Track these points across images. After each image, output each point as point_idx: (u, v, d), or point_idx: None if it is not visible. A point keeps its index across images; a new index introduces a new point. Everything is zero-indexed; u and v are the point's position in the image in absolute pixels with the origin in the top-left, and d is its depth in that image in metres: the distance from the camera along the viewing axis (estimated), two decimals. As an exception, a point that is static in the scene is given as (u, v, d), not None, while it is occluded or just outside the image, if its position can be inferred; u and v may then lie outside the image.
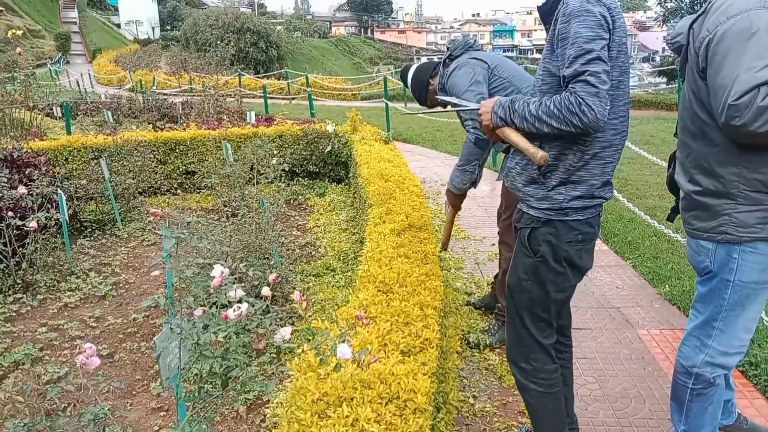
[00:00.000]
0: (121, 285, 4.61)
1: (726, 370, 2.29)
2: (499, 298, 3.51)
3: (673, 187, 2.36)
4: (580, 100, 1.82)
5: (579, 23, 1.86)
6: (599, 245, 5.30)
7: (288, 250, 5.12)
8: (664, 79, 23.75)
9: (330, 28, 74.58)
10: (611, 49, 1.91)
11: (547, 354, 2.23)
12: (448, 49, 3.33)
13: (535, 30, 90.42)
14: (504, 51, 72.44)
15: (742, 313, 2.16)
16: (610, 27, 1.90)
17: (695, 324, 2.28)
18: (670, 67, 22.00)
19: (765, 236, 2.02)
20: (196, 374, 2.84)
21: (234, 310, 1.62)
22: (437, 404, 2.34)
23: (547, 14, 2.04)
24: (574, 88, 1.84)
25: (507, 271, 3.32)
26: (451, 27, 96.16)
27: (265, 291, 1.76)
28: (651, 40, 73.79)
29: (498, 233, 3.62)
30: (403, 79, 3.42)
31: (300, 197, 6.98)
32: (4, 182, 4.60)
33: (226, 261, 3.81)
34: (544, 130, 1.93)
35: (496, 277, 3.79)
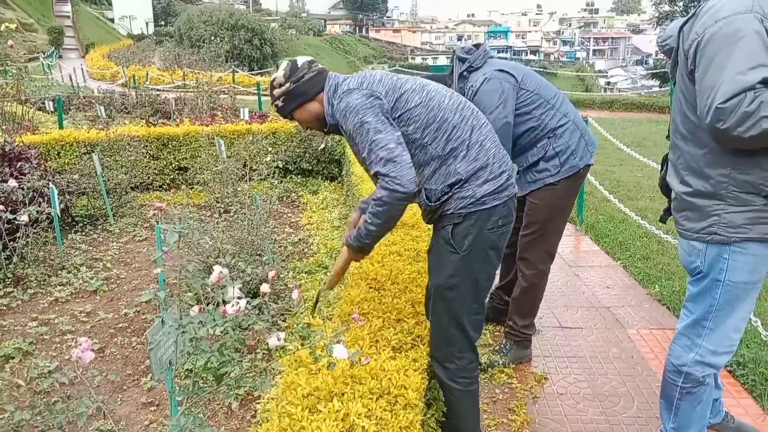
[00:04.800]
0: (112, 280, 4.60)
1: (716, 369, 2.31)
2: (513, 317, 3.35)
3: (665, 188, 2.37)
4: (386, 179, 2.03)
5: (349, 119, 2.12)
6: (591, 246, 5.33)
7: (280, 247, 5.13)
8: (657, 82, 23.87)
9: (325, 26, 74.46)
10: (394, 93, 2.17)
11: (472, 349, 2.31)
12: (462, 60, 3.09)
13: (529, 31, 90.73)
14: (498, 52, 72.64)
15: (732, 312, 2.18)
16: (378, 95, 2.13)
17: (686, 323, 2.30)
18: (663, 70, 22.12)
19: (754, 236, 2.04)
20: (188, 370, 2.84)
21: (232, 306, 1.62)
22: (428, 401, 2.34)
23: (334, 129, 2.26)
24: (377, 174, 2.06)
25: (525, 289, 3.28)
26: (446, 27, 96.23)
27: (264, 287, 1.77)
28: (644, 43, 74.19)
29: (517, 249, 3.30)
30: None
31: (293, 194, 6.98)
32: (-5, 176, 4.57)
33: (223, 257, 3.81)
34: (388, 224, 2.17)
35: (503, 288, 3.65)
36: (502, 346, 3.40)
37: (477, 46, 3.16)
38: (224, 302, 1.81)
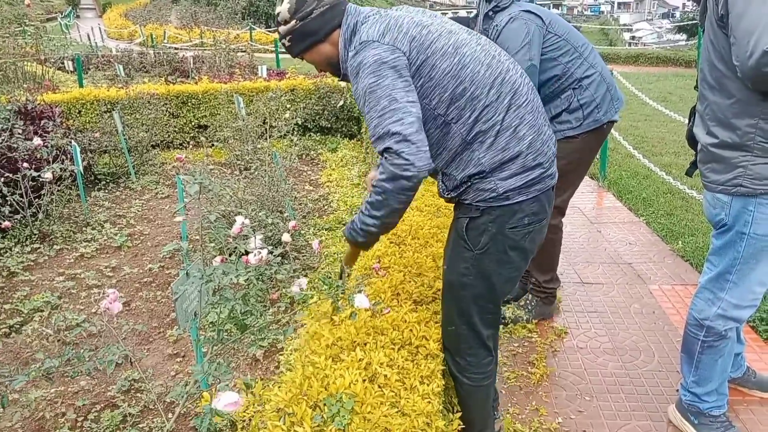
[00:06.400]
0: (135, 236, 4.67)
1: (738, 323, 2.29)
2: (534, 274, 3.26)
3: (692, 140, 2.32)
4: (397, 159, 1.69)
5: (362, 78, 1.77)
6: (613, 202, 5.27)
7: (300, 204, 5.15)
8: (684, 36, 23.15)
9: (342, -18, 73.05)
10: (419, 54, 1.79)
11: (486, 348, 2.07)
12: (489, 0, 2.92)
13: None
14: (520, 6, 70.66)
15: (756, 266, 2.15)
16: (402, 52, 1.77)
17: (709, 277, 2.28)
18: (690, 23, 21.44)
19: None
20: (211, 322, 2.91)
21: (255, 255, 1.63)
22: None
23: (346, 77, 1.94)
24: (383, 149, 1.72)
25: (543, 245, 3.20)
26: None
27: (285, 237, 1.78)
28: (671, -4, 71.78)
29: None
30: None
31: (312, 152, 6.97)
32: (19, 133, 4.62)
33: (246, 209, 3.85)
34: (388, 220, 1.82)
35: None
36: (527, 302, 3.36)
37: None
38: (246, 252, 1.84)
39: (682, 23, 23.94)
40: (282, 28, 1.92)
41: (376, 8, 1.97)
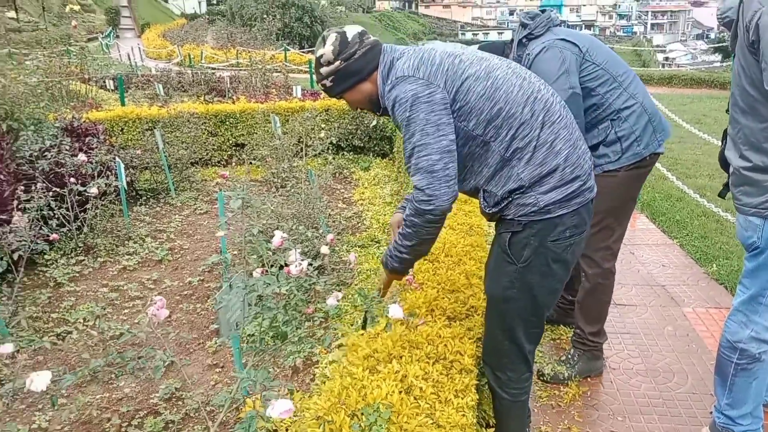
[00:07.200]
0: (176, 250, 4.81)
1: (772, 346, 2.29)
2: (579, 324, 3.03)
3: (724, 162, 2.35)
4: (420, 195, 1.87)
5: (398, 111, 1.91)
6: (647, 224, 5.25)
7: (334, 221, 5.24)
8: (719, 57, 22.91)
9: (374, 2, 73.90)
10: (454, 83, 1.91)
11: (526, 362, 2.14)
12: (524, 26, 2.78)
13: (584, 5, 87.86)
14: (552, 27, 70.39)
15: (789, 289, 2.16)
16: (436, 84, 1.89)
17: (742, 299, 2.30)
18: (725, 44, 21.20)
19: None
20: (250, 334, 3.00)
21: (296, 266, 1.72)
22: (481, 369, 2.41)
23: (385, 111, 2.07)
24: (414, 184, 1.90)
25: (590, 291, 2.95)
26: (498, 1, 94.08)
27: (324, 249, 1.86)
28: (705, 17, 71.06)
29: None
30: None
31: (345, 171, 7.08)
32: (66, 150, 4.82)
33: (285, 223, 3.96)
34: (419, 248, 2.02)
35: (571, 294, 3.26)
36: (569, 356, 3.07)
37: (543, 11, 2.84)
38: (286, 264, 1.93)
39: (717, 44, 23.69)
40: (324, 69, 2.04)
41: (409, 47, 2.10)
